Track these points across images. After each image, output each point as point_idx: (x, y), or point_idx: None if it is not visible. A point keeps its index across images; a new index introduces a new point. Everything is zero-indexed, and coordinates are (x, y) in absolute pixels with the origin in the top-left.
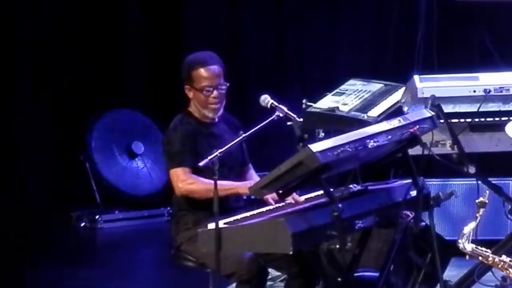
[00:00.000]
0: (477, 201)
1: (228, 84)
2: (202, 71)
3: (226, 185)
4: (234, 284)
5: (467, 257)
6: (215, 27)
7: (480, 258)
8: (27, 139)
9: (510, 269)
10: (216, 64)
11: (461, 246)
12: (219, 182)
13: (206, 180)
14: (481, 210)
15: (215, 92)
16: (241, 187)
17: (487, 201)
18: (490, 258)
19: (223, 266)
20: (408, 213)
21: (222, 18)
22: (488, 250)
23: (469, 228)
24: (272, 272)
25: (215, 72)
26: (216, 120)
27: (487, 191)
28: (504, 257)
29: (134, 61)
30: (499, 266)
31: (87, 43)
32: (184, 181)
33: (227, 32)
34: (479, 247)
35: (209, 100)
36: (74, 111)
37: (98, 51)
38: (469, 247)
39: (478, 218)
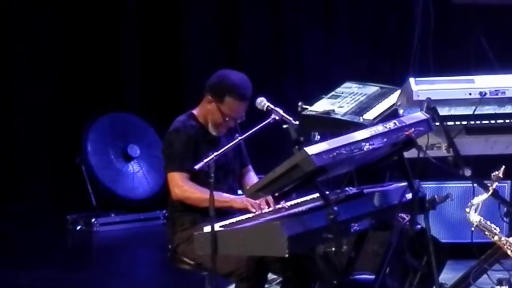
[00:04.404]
0: (492, 174)
1: (244, 118)
2: (239, 104)
3: (222, 198)
4: (231, 287)
5: (473, 228)
6: (212, 29)
7: (486, 232)
8: (24, 142)
9: None
10: (249, 100)
11: (467, 215)
12: (215, 193)
13: (202, 189)
14: (495, 184)
15: (232, 122)
16: (237, 201)
17: (501, 176)
18: (497, 237)
19: (222, 265)
20: (404, 215)
21: (219, 22)
22: (497, 228)
23: (479, 199)
24: (268, 275)
25: (246, 108)
26: None
27: (503, 166)
28: (511, 239)
29: (130, 64)
30: (505, 246)
31: (84, 46)
32: (181, 187)
33: (224, 35)
34: (488, 222)
35: (223, 125)
36: (71, 114)
37: (96, 54)
38: (476, 218)
39: (491, 191)
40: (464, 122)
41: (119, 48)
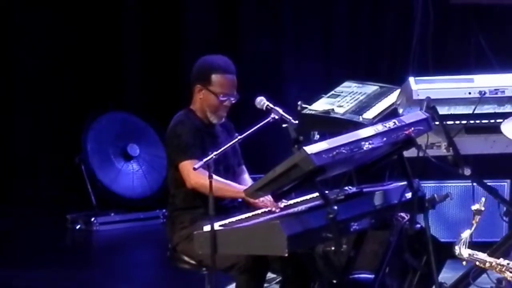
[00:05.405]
0: (472, 208)
1: (239, 96)
2: (225, 77)
3: (236, 188)
4: (232, 286)
5: (464, 263)
6: (212, 29)
7: (477, 263)
8: (24, 141)
9: (508, 272)
10: (235, 74)
11: (457, 252)
12: (230, 183)
13: (218, 178)
14: (477, 217)
15: (228, 101)
16: None
17: (483, 208)
18: (488, 263)
19: (222, 260)
20: (403, 215)
21: (219, 21)
22: (484, 254)
23: (465, 234)
24: (268, 274)
25: (234, 81)
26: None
27: (483, 198)
28: (501, 260)
29: (130, 64)
30: (497, 269)
31: (84, 46)
32: (196, 175)
33: (224, 35)
34: (475, 252)
35: (221, 107)
36: (70, 114)
37: (95, 54)
38: (465, 253)
39: (474, 225)
40: (464, 121)
41: (119, 48)
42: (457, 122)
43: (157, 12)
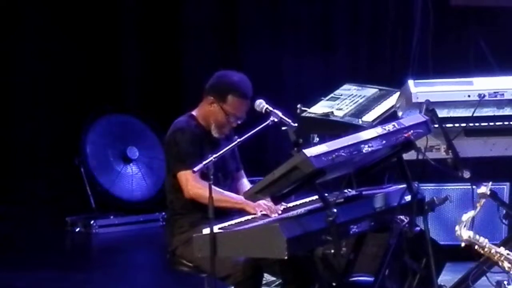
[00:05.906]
0: (478, 191)
1: (245, 118)
2: (242, 102)
3: (235, 199)
4: None
5: (462, 244)
6: (212, 32)
7: (476, 246)
8: (23, 143)
9: (506, 262)
10: (250, 99)
11: (458, 233)
12: (228, 193)
13: (217, 189)
14: (482, 200)
15: (235, 122)
16: (250, 205)
17: (488, 192)
18: (487, 248)
19: (219, 269)
20: (403, 217)
21: (219, 23)
22: (486, 240)
23: (467, 216)
24: (267, 277)
25: (248, 106)
26: None
27: (490, 182)
28: (502, 249)
29: (130, 66)
30: (495, 257)
31: (84, 47)
32: (194, 185)
33: (223, 37)
34: (476, 235)
35: (226, 125)
36: (70, 116)
37: (95, 55)
38: (465, 234)
39: (478, 208)
40: (463, 124)
41: (118, 50)
42: (457, 124)
43: (157, 14)
